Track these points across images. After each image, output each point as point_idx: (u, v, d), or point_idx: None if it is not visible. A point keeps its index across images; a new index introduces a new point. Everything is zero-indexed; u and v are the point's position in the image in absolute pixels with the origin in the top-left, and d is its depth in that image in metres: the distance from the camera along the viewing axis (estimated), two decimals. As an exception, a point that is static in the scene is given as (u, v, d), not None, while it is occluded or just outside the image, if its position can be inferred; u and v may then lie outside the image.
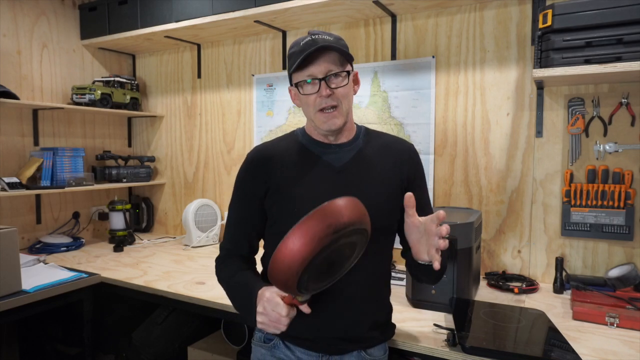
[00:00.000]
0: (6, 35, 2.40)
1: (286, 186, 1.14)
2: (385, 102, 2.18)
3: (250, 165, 1.19)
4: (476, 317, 1.41)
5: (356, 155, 1.17)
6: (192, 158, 2.87)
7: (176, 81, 2.90)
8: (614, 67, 1.47)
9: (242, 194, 1.21)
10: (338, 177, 1.14)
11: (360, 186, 1.13)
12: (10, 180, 2.21)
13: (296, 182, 1.14)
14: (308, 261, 0.87)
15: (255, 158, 1.19)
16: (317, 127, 1.15)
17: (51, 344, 2.48)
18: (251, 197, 1.18)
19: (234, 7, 2.17)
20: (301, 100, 1.15)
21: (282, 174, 1.15)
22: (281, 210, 1.14)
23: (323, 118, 1.11)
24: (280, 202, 1.14)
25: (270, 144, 1.23)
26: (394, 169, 1.19)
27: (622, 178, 1.70)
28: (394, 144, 1.24)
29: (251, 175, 1.18)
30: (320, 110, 1.10)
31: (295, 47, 1.11)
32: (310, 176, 1.14)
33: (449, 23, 2.04)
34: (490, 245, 1.99)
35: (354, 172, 1.15)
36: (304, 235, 0.86)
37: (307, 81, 1.10)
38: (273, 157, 1.17)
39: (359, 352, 1.17)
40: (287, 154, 1.18)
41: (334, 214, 0.88)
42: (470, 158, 2.02)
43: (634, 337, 1.33)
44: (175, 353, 2.17)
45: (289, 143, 1.21)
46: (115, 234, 2.67)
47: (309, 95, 1.11)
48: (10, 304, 1.67)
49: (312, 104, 1.11)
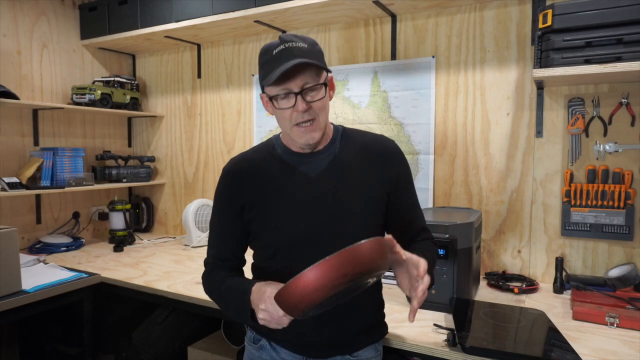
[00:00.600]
0: (6, 35, 2.40)
1: (263, 200, 1.12)
2: (385, 102, 2.18)
3: (226, 180, 1.16)
4: (476, 317, 1.41)
5: (332, 162, 1.13)
6: (192, 158, 2.87)
7: (176, 81, 2.90)
8: (614, 67, 1.47)
9: (221, 208, 1.18)
10: (314, 186, 1.11)
11: (336, 194, 1.10)
12: (10, 180, 2.21)
13: (273, 196, 1.11)
14: (317, 303, 0.87)
15: (231, 172, 1.16)
16: (294, 141, 1.10)
17: (51, 344, 2.48)
18: (230, 211, 1.15)
19: (234, 7, 2.17)
20: (275, 113, 1.09)
21: (258, 188, 1.12)
22: (260, 225, 1.12)
23: (300, 133, 1.06)
24: (258, 217, 1.12)
25: (246, 156, 1.19)
26: (374, 172, 1.14)
27: (622, 178, 1.70)
28: (374, 144, 1.18)
29: (228, 191, 1.15)
30: (297, 124, 1.05)
31: (267, 55, 1.03)
32: (286, 188, 1.11)
33: (449, 23, 2.04)
34: (490, 245, 1.99)
35: (330, 179, 1.11)
36: (318, 280, 0.85)
37: (280, 96, 1.04)
38: (249, 170, 1.14)
39: (343, 356, 1.16)
40: (262, 167, 1.14)
41: (352, 263, 0.86)
42: (470, 158, 2.02)
43: (634, 337, 1.33)
44: (175, 353, 2.17)
45: (264, 155, 1.17)
46: (115, 234, 2.67)
47: (284, 109, 1.04)
48: (10, 304, 1.67)
49: (289, 118, 1.05)
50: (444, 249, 1.51)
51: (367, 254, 0.87)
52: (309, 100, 1.03)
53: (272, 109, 1.09)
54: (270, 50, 1.03)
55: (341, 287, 0.86)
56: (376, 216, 1.14)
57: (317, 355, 1.15)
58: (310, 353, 1.15)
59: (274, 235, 1.11)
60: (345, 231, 1.09)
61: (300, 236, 1.09)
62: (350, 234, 1.06)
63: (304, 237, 1.09)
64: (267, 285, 1.00)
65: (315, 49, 1.05)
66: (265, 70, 1.04)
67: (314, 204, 1.10)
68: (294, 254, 1.10)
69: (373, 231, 1.13)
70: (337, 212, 1.10)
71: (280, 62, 1.00)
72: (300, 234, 1.09)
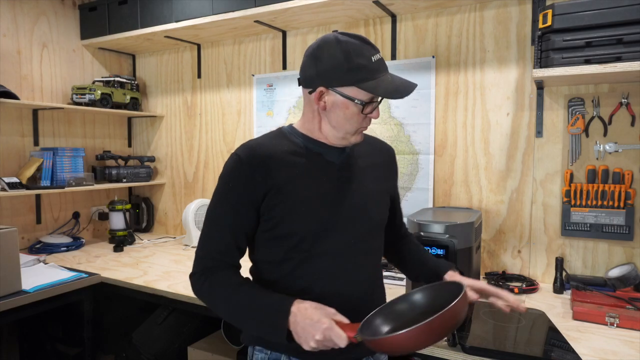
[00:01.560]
0: (6, 35, 2.40)
1: (291, 184, 1.06)
2: (385, 102, 2.17)
3: (244, 166, 1.06)
4: (476, 317, 1.41)
5: (349, 154, 1.17)
6: (192, 158, 2.87)
7: (176, 81, 2.90)
8: (614, 67, 1.47)
9: (233, 197, 1.07)
10: (340, 174, 1.12)
11: (360, 182, 1.14)
12: (10, 180, 2.21)
13: (301, 182, 1.07)
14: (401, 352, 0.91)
15: (250, 157, 1.06)
16: (342, 138, 1.11)
17: (51, 344, 2.48)
18: (247, 201, 1.06)
19: (234, 7, 2.17)
20: (343, 111, 1.06)
21: (285, 173, 1.07)
22: (286, 212, 1.06)
23: (358, 136, 1.11)
24: (285, 203, 1.06)
25: (262, 142, 1.11)
26: (381, 167, 1.22)
27: (622, 178, 1.70)
28: (376, 143, 1.27)
29: (246, 177, 1.06)
30: (362, 127, 1.10)
31: (363, 59, 1.03)
32: (314, 175, 1.09)
33: (449, 23, 2.04)
34: (490, 245, 1.99)
35: (352, 169, 1.15)
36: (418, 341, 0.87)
37: (373, 104, 1.07)
38: (271, 155, 1.07)
39: (367, 358, 1.15)
40: (286, 153, 1.09)
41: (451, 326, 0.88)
42: (470, 158, 2.02)
43: (634, 337, 1.33)
44: (175, 353, 2.17)
45: (283, 141, 1.12)
46: (115, 234, 2.67)
47: (361, 113, 1.06)
48: (10, 304, 1.67)
49: (360, 121, 1.08)
50: (444, 249, 1.50)
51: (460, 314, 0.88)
52: None
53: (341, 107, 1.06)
54: (366, 54, 1.03)
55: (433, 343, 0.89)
56: (388, 208, 1.21)
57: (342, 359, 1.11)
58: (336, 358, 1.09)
59: (301, 220, 1.06)
60: (368, 217, 1.13)
61: (328, 222, 1.08)
62: (372, 220, 1.13)
63: (331, 223, 1.08)
64: (315, 309, 0.96)
65: None
66: (365, 75, 1.03)
67: (341, 190, 1.12)
68: (318, 241, 1.07)
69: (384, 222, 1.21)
70: (362, 198, 1.13)
71: (380, 73, 1.04)
72: (328, 219, 1.08)
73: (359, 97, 1.04)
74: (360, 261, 1.11)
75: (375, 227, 1.16)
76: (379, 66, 1.05)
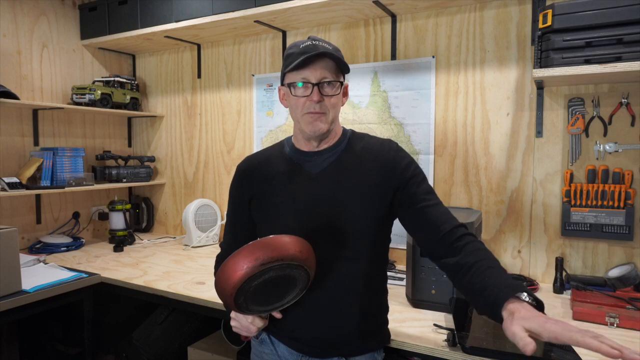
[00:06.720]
0: (6, 35, 2.40)
1: (268, 194, 1.20)
2: (385, 102, 2.18)
3: (238, 175, 1.28)
4: (476, 317, 1.41)
5: (335, 161, 1.18)
6: (192, 158, 2.87)
7: (176, 81, 2.90)
8: (614, 67, 1.47)
9: (232, 200, 1.29)
10: (314, 183, 1.17)
11: (333, 191, 1.15)
12: (10, 180, 2.21)
13: (277, 191, 1.19)
14: (238, 286, 0.95)
15: (242, 168, 1.28)
16: (302, 130, 1.16)
17: (51, 344, 2.48)
18: (239, 204, 1.26)
19: (234, 7, 2.17)
20: (289, 102, 1.16)
21: (265, 183, 1.21)
22: (264, 218, 1.21)
23: (309, 119, 1.12)
24: (262, 209, 1.21)
25: (258, 154, 1.30)
26: (375, 175, 1.14)
27: (622, 178, 1.70)
28: (378, 149, 1.18)
29: (239, 185, 1.27)
30: (308, 112, 1.12)
31: (294, 48, 1.13)
32: (289, 184, 1.19)
33: (449, 23, 2.04)
34: (490, 245, 1.99)
35: (330, 178, 1.16)
36: (235, 263, 0.94)
37: (298, 84, 1.11)
38: (258, 167, 1.24)
39: (339, 358, 1.16)
40: (271, 164, 1.23)
41: (264, 248, 0.95)
42: (470, 158, 2.02)
43: (634, 337, 1.33)
44: (175, 353, 2.17)
45: (274, 152, 1.27)
46: (115, 234, 2.67)
47: (299, 97, 1.12)
48: (10, 304, 1.67)
49: (301, 106, 1.12)
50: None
51: (279, 243, 0.97)
52: (324, 93, 1.11)
53: (288, 98, 1.16)
54: (298, 44, 1.13)
55: (254, 269, 0.93)
56: (374, 218, 1.14)
57: (312, 353, 1.16)
58: (306, 350, 1.17)
59: (273, 226, 1.17)
60: (340, 229, 1.13)
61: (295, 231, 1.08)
62: (345, 232, 1.12)
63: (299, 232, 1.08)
64: None
65: (339, 53, 1.15)
66: (289, 60, 1.11)
67: (311, 201, 1.16)
68: None
69: (369, 230, 1.14)
70: (333, 210, 1.14)
71: (305, 54, 1.08)
72: (296, 229, 1.10)
73: (291, 79, 1.13)
74: (325, 268, 1.11)
75: (349, 237, 1.12)
76: (305, 49, 1.09)
